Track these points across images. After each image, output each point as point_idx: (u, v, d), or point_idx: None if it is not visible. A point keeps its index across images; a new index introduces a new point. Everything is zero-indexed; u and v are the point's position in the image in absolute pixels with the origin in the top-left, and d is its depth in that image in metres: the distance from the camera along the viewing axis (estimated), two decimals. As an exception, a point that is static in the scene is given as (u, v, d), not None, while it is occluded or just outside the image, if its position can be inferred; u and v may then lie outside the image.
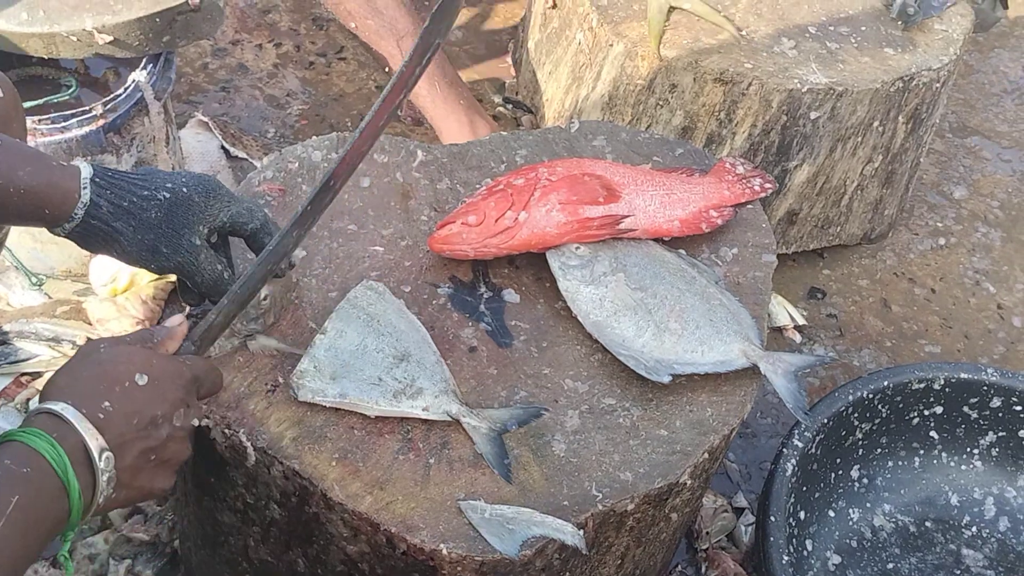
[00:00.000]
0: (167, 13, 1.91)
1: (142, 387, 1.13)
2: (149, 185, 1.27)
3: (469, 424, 1.38)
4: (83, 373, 1.12)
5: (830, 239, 2.48)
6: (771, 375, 1.49)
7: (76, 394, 1.09)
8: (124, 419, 1.10)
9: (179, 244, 1.28)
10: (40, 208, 1.20)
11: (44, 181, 1.19)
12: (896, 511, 2.02)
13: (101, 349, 1.15)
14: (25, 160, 1.18)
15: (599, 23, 2.22)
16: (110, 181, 1.24)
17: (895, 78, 2.19)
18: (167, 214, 1.26)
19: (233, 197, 1.33)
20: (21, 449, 1.04)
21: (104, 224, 1.24)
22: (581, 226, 1.56)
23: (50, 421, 1.07)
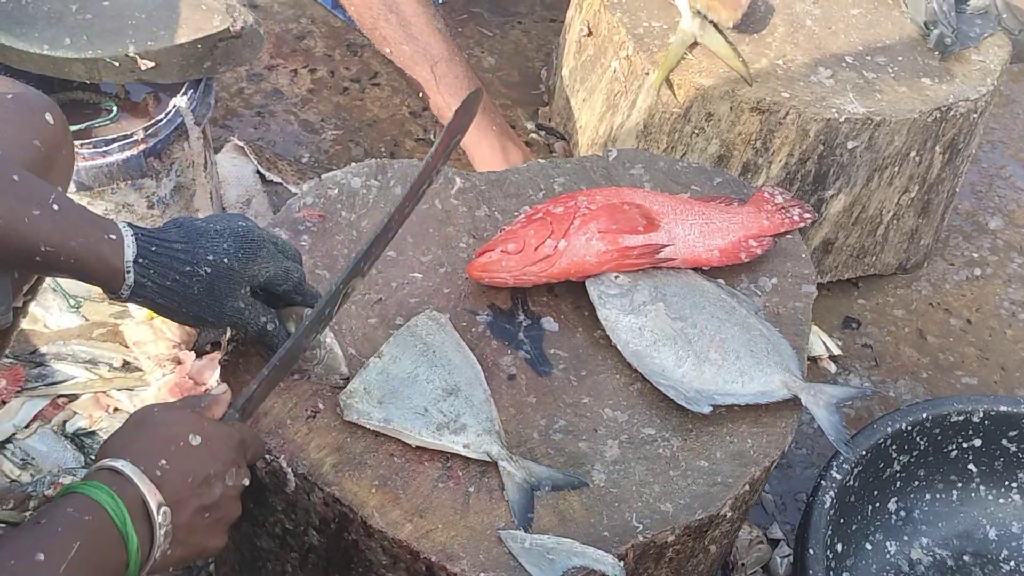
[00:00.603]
0: (208, 40, 1.92)
1: (196, 447, 1.17)
2: (191, 258, 1.27)
3: (505, 469, 1.37)
4: (139, 434, 1.17)
5: (865, 268, 2.47)
6: (812, 407, 1.48)
7: (134, 452, 1.14)
8: (180, 477, 1.15)
9: (222, 312, 1.30)
10: (88, 277, 1.22)
11: (94, 255, 1.20)
12: (934, 544, 2.00)
13: (155, 412, 1.21)
14: (78, 230, 1.19)
15: (635, 51, 2.22)
16: (153, 259, 1.24)
17: (932, 108, 2.18)
18: (209, 288, 1.28)
19: (273, 256, 1.35)
20: (83, 500, 1.08)
21: (149, 301, 1.26)
22: (621, 255, 1.56)
23: (110, 476, 1.11)
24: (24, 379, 2.02)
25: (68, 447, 1.95)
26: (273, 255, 1.34)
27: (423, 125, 2.72)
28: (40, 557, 1.02)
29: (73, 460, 1.93)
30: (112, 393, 2.03)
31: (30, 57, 1.87)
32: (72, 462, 1.92)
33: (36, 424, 1.98)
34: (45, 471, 1.90)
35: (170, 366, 2.03)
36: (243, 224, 1.33)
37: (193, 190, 2.12)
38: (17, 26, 1.88)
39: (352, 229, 1.64)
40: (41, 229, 1.15)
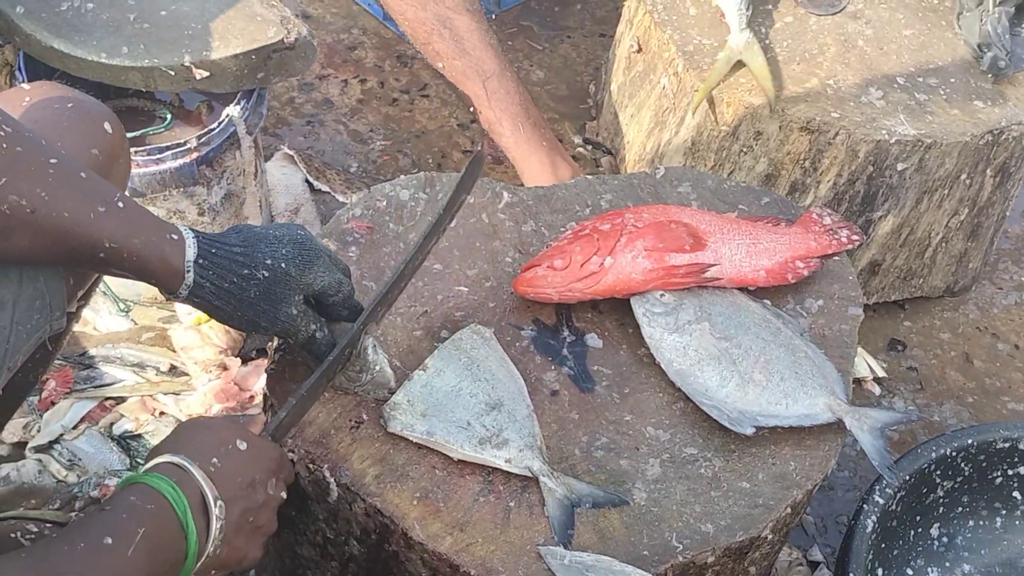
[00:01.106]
0: (263, 50, 1.95)
1: (243, 451, 1.22)
2: (250, 262, 1.29)
3: (546, 485, 1.37)
4: (191, 435, 1.22)
5: (912, 291, 2.45)
6: (857, 431, 1.47)
7: (188, 450, 1.18)
8: (230, 476, 1.19)
9: (276, 317, 1.32)
10: (148, 275, 1.24)
11: (156, 253, 1.22)
12: (976, 572, 1.98)
13: (202, 420, 1.27)
14: (142, 228, 1.21)
15: (685, 68, 2.22)
16: (212, 261, 1.26)
17: (984, 131, 2.16)
18: (265, 292, 1.30)
19: (328, 266, 1.36)
20: (145, 489, 1.12)
21: (206, 302, 1.28)
22: (667, 273, 1.56)
23: (169, 469, 1.15)
24: (73, 381, 2.05)
25: (114, 449, 1.98)
26: (328, 265, 1.36)
27: (471, 137, 2.74)
28: (108, 541, 1.05)
29: (119, 462, 1.95)
30: (159, 397, 2.05)
31: (88, 65, 1.90)
32: (118, 464, 1.95)
33: (84, 425, 2.01)
34: (91, 472, 1.93)
35: (216, 371, 2.05)
36: (301, 233, 1.35)
37: (243, 198, 2.14)
38: (76, 34, 1.91)
39: (399, 241, 1.65)
40: (106, 226, 1.17)
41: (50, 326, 1.29)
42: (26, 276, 1.22)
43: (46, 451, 1.96)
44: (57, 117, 1.34)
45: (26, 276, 1.22)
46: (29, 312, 1.23)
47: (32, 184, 1.12)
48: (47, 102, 1.35)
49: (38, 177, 1.12)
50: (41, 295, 1.25)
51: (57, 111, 1.34)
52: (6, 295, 1.20)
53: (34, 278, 1.23)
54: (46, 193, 1.13)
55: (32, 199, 1.12)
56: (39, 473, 1.93)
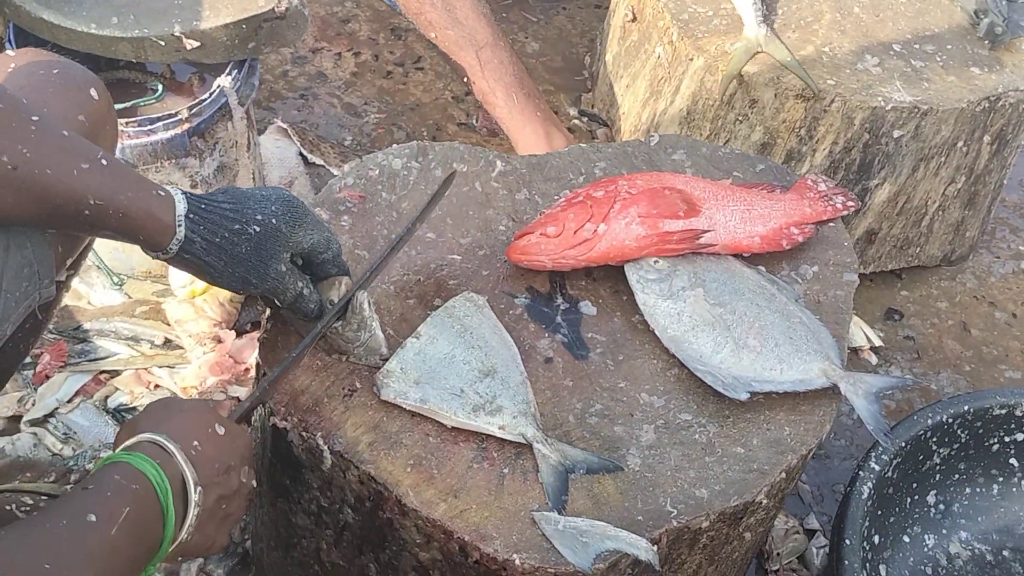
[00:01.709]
0: (253, 20, 1.94)
1: (221, 436, 1.20)
2: (240, 217, 1.28)
3: (540, 451, 1.37)
4: (170, 415, 1.19)
5: (909, 260, 2.44)
6: (852, 396, 1.46)
7: (171, 430, 1.15)
8: (209, 461, 1.17)
9: (267, 274, 1.31)
10: (136, 233, 1.22)
11: (144, 209, 1.20)
12: (973, 539, 1.98)
13: (180, 400, 1.27)
14: (127, 184, 1.19)
15: (680, 37, 2.21)
16: (203, 216, 1.25)
17: (981, 98, 2.15)
18: (256, 247, 1.29)
19: (317, 224, 1.36)
20: (127, 469, 1.10)
21: (196, 258, 1.27)
22: (660, 240, 1.56)
23: (153, 449, 1.13)
24: (67, 354, 2.05)
25: (109, 422, 1.97)
26: (317, 223, 1.36)
27: (465, 110, 2.72)
28: (91, 518, 1.04)
29: (114, 435, 1.94)
30: (153, 370, 2.05)
31: (78, 35, 1.89)
32: (112, 437, 1.94)
33: (78, 399, 2.00)
34: (86, 445, 1.93)
35: (211, 344, 2.05)
36: (288, 193, 1.34)
37: (236, 170, 2.13)
38: (66, 4, 1.90)
39: (392, 210, 1.64)
40: (90, 182, 1.16)
41: (39, 294, 1.28)
42: (13, 244, 1.21)
43: (41, 425, 1.96)
44: (43, 83, 1.32)
45: (13, 244, 1.21)
46: (17, 280, 1.22)
47: (13, 141, 1.11)
48: (32, 68, 1.34)
49: (20, 134, 1.11)
50: (29, 263, 1.24)
51: (43, 77, 1.33)
52: None
53: (22, 245, 1.22)
54: (28, 150, 1.11)
55: (13, 156, 1.11)
56: (34, 446, 1.92)
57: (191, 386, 2.01)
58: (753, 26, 2.16)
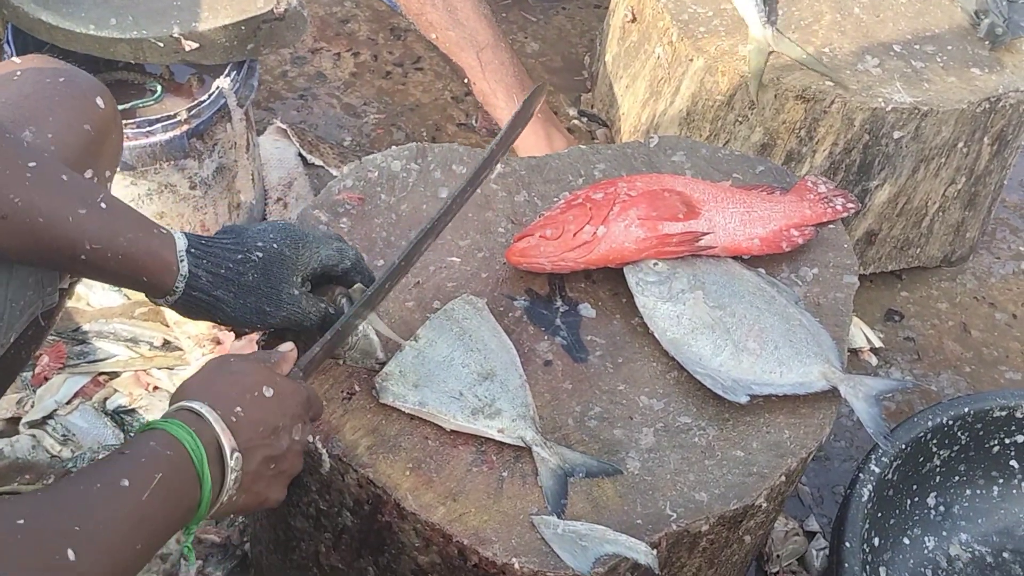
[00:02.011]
0: (252, 21, 1.93)
1: (269, 398, 1.19)
2: (241, 247, 1.28)
3: (539, 455, 1.36)
4: (217, 379, 1.19)
5: (909, 261, 2.44)
6: (852, 399, 1.46)
7: (212, 396, 1.15)
8: (252, 425, 1.16)
9: (280, 300, 1.31)
10: (139, 275, 1.21)
11: (144, 249, 1.20)
12: (973, 541, 1.97)
13: (231, 361, 1.23)
14: (127, 226, 1.19)
15: (679, 38, 2.21)
16: (204, 250, 1.25)
17: (981, 99, 2.15)
18: (263, 273, 1.29)
19: (321, 240, 1.36)
20: (164, 436, 1.10)
21: (205, 294, 1.26)
22: (660, 242, 1.55)
23: (189, 417, 1.13)
24: (66, 356, 2.05)
25: (108, 424, 1.97)
26: (321, 239, 1.36)
27: (465, 110, 2.72)
28: (125, 483, 1.04)
29: (113, 437, 1.95)
30: (152, 372, 2.05)
31: (76, 37, 1.89)
32: (112, 439, 1.94)
33: (77, 401, 2.00)
34: (85, 447, 1.93)
35: (210, 346, 2.05)
36: (284, 221, 1.34)
37: (235, 171, 2.13)
38: (65, 6, 1.90)
39: (391, 212, 1.64)
40: (87, 227, 1.15)
41: (43, 302, 1.28)
42: None
43: (40, 426, 1.96)
44: (49, 92, 1.32)
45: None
46: (22, 289, 1.22)
47: (5, 190, 1.10)
48: (39, 76, 1.33)
49: (11, 182, 1.10)
50: (33, 271, 1.24)
51: (48, 85, 1.32)
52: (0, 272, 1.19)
53: None
54: (19, 198, 1.11)
55: (3, 205, 1.10)
56: (33, 448, 1.92)
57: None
58: (758, 27, 2.16)
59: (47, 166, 1.15)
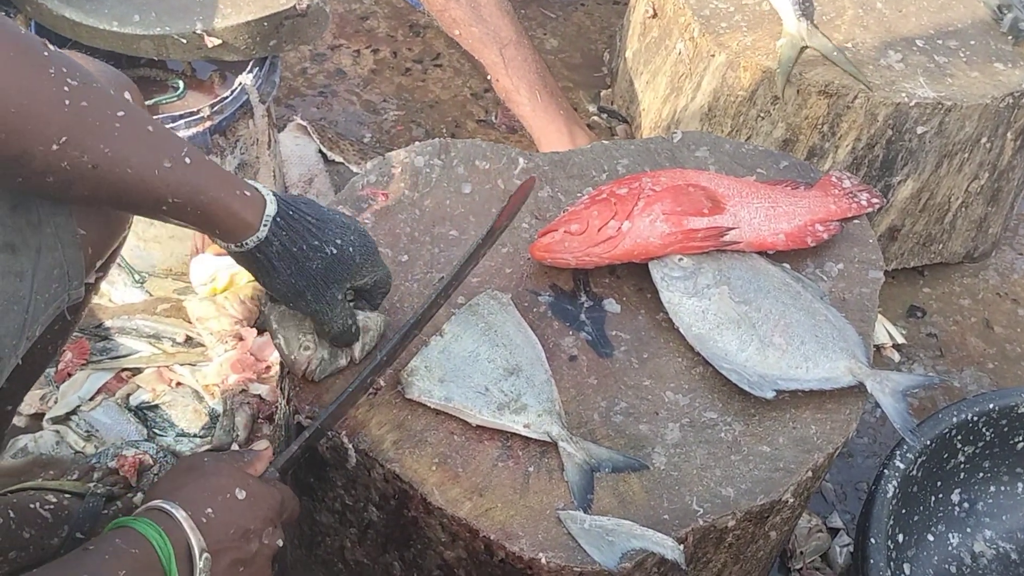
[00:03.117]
0: (275, 17, 1.93)
1: (241, 501, 1.20)
2: (321, 235, 1.29)
3: (565, 450, 1.36)
4: (189, 480, 1.20)
5: (932, 256, 2.43)
6: (878, 394, 1.45)
7: (183, 497, 1.17)
8: (223, 527, 1.17)
9: (323, 295, 1.31)
10: (211, 227, 1.22)
11: (223, 208, 1.20)
12: (997, 537, 1.96)
13: (205, 461, 1.24)
14: (211, 183, 1.19)
15: (701, 33, 2.20)
16: (289, 223, 1.26)
17: (1005, 94, 2.14)
18: (327, 268, 1.30)
19: (382, 263, 1.37)
20: (132, 534, 1.12)
21: (267, 260, 1.26)
22: (685, 237, 1.55)
23: (160, 516, 1.14)
24: (89, 352, 2.05)
25: (131, 420, 1.97)
26: (382, 262, 1.37)
27: (484, 107, 2.72)
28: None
29: (136, 433, 1.95)
30: (175, 367, 2.05)
31: (99, 33, 1.89)
32: (135, 435, 1.95)
33: (100, 397, 2.00)
34: (108, 443, 1.93)
35: (232, 342, 2.05)
36: (363, 228, 1.35)
37: (257, 168, 2.13)
38: (88, 2, 1.90)
39: (415, 208, 1.64)
40: (171, 180, 1.15)
41: (68, 295, 1.28)
42: (45, 246, 1.21)
43: (63, 422, 1.96)
44: None
45: (45, 246, 1.21)
46: (48, 281, 1.22)
47: (96, 140, 1.10)
48: None
49: (103, 133, 1.10)
50: (60, 264, 1.24)
51: None
52: (26, 265, 1.19)
53: (53, 247, 1.22)
54: (110, 149, 1.10)
55: (95, 155, 1.10)
56: (56, 444, 1.93)
57: (212, 384, 2.01)
58: (793, 21, 2.15)
59: (135, 115, 1.14)
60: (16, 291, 1.18)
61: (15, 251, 1.17)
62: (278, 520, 1.26)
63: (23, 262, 1.18)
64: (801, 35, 2.13)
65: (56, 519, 1.69)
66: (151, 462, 1.87)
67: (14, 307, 1.17)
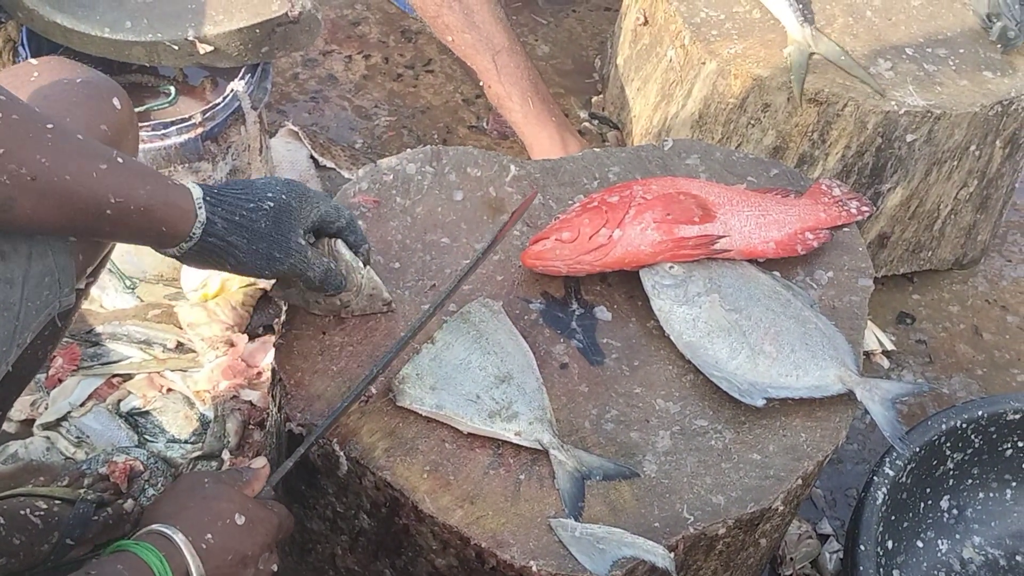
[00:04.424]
0: (267, 24, 1.93)
1: (240, 527, 1.23)
2: (252, 197, 1.31)
3: (556, 457, 1.37)
4: (189, 503, 1.23)
5: (921, 263, 2.44)
6: (868, 402, 1.46)
7: (184, 521, 1.19)
8: (222, 553, 1.20)
9: (289, 247, 1.33)
10: (158, 226, 1.23)
11: (162, 200, 1.22)
12: (986, 544, 1.97)
13: (205, 483, 1.26)
14: (144, 179, 1.21)
15: (692, 41, 2.21)
16: (219, 198, 1.28)
17: (994, 102, 2.15)
18: (274, 221, 1.32)
19: (321, 197, 1.39)
20: (132, 559, 1.14)
21: (220, 240, 1.28)
22: (676, 245, 1.55)
23: (160, 541, 1.16)
24: (80, 358, 2.05)
25: (122, 426, 1.97)
26: (321, 196, 1.39)
27: (476, 112, 2.72)
28: None
29: (127, 439, 1.95)
30: (166, 374, 2.05)
31: (91, 39, 1.89)
32: (126, 441, 1.95)
33: (91, 403, 2.00)
34: (99, 449, 1.93)
35: (223, 348, 2.05)
36: (287, 179, 1.38)
37: (248, 174, 2.13)
38: (79, 9, 1.90)
39: (406, 215, 1.64)
40: (109, 181, 1.17)
41: (59, 302, 1.28)
42: (36, 252, 1.21)
43: (54, 428, 1.96)
44: (66, 93, 1.33)
45: (36, 252, 1.21)
46: (39, 288, 1.23)
47: (32, 151, 1.11)
48: (56, 78, 1.34)
49: (37, 143, 1.12)
50: (51, 271, 1.24)
51: (66, 87, 1.34)
52: (16, 271, 1.19)
53: (43, 254, 1.22)
54: (46, 159, 1.12)
55: (32, 166, 1.11)
56: (47, 450, 1.92)
57: (203, 390, 2.01)
58: (797, 27, 2.16)
59: (63, 127, 1.16)
60: (6, 298, 1.18)
61: (5, 258, 1.17)
62: (275, 544, 1.29)
63: (13, 269, 1.18)
64: (807, 41, 2.14)
65: (46, 525, 1.69)
66: (141, 468, 1.87)
67: (4, 314, 1.18)
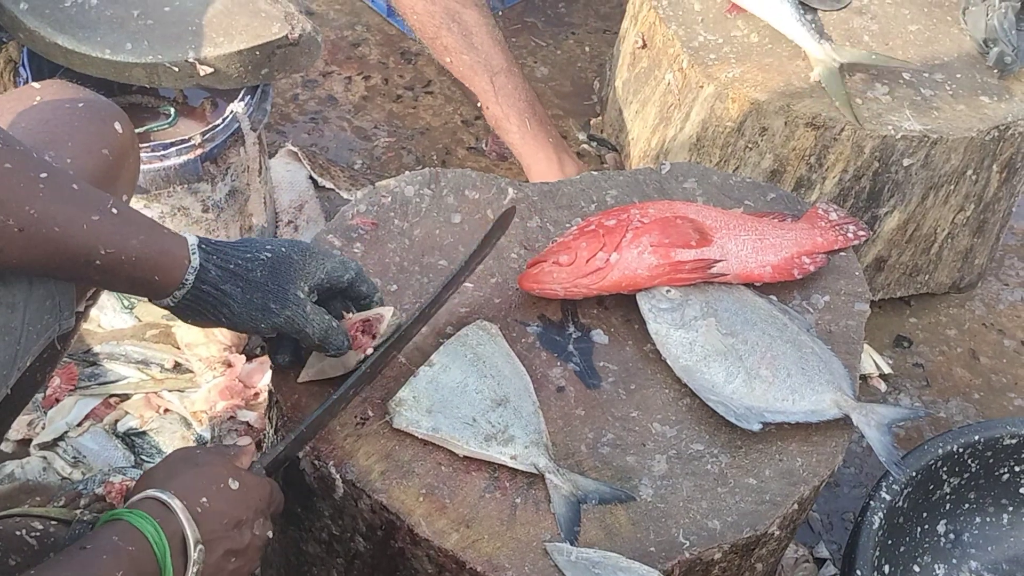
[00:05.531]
0: (267, 46, 1.94)
1: (234, 491, 1.21)
2: (250, 248, 1.30)
3: (552, 481, 1.37)
4: (183, 469, 1.21)
5: (918, 287, 2.44)
6: (864, 427, 1.46)
7: (177, 486, 1.18)
8: (217, 517, 1.18)
9: (286, 298, 1.30)
10: (151, 275, 1.22)
11: (156, 249, 1.21)
12: (983, 568, 1.97)
13: (197, 452, 1.26)
14: (138, 229, 1.20)
15: (689, 64, 2.22)
16: (214, 247, 1.27)
17: (991, 127, 2.15)
18: (271, 272, 1.30)
19: (326, 254, 1.37)
20: (127, 528, 1.12)
21: (214, 288, 1.26)
22: (672, 269, 1.56)
23: (155, 507, 1.15)
24: (77, 378, 2.05)
25: (119, 446, 1.97)
26: (326, 252, 1.37)
27: (475, 134, 2.73)
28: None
29: (123, 459, 1.95)
30: (163, 394, 2.05)
31: (92, 61, 1.90)
32: (122, 461, 1.95)
33: (88, 423, 2.00)
34: (96, 469, 1.93)
35: (221, 368, 2.05)
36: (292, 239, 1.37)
37: (247, 195, 2.14)
38: (80, 30, 1.91)
39: (404, 237, 1.65)
40: (100, 232, 1.16)
41: (59, 325, 1.28)
42: (36, 278, 1.21)
43: (51, 448, 1.96)
44: (68, 116, 1.33)
45: (36, 278, 1.21)
46: (39, 312, 1.23)
47: (21, 203, 1.10)
48: (58, 101, 1.35)
49: (28, 194, 1.11)
50: (51, 295, 1.24)
51: (68, 110, 1.34)
52: (17, 296, 1.19)
53: (44, 279, 1.23)
54: (35, 210, 1.11)
55: (21, 217, 1.10)
56: (43, 470, 1.92)
57: (201, 410, 2.01)
58: (815, 46, 2.16)
59: (58, 176, 1.15)
60: (8, 322, 1.18)
61: (6, 283, 1.18)
62: (268, 512, 1.27)
63: (15, 293, 1.19)
64: (831, 56, 2.15)
65: (42, 546, 1.69)
66: (138, 489, 1.86)
67: (6, 338, 1.18)
